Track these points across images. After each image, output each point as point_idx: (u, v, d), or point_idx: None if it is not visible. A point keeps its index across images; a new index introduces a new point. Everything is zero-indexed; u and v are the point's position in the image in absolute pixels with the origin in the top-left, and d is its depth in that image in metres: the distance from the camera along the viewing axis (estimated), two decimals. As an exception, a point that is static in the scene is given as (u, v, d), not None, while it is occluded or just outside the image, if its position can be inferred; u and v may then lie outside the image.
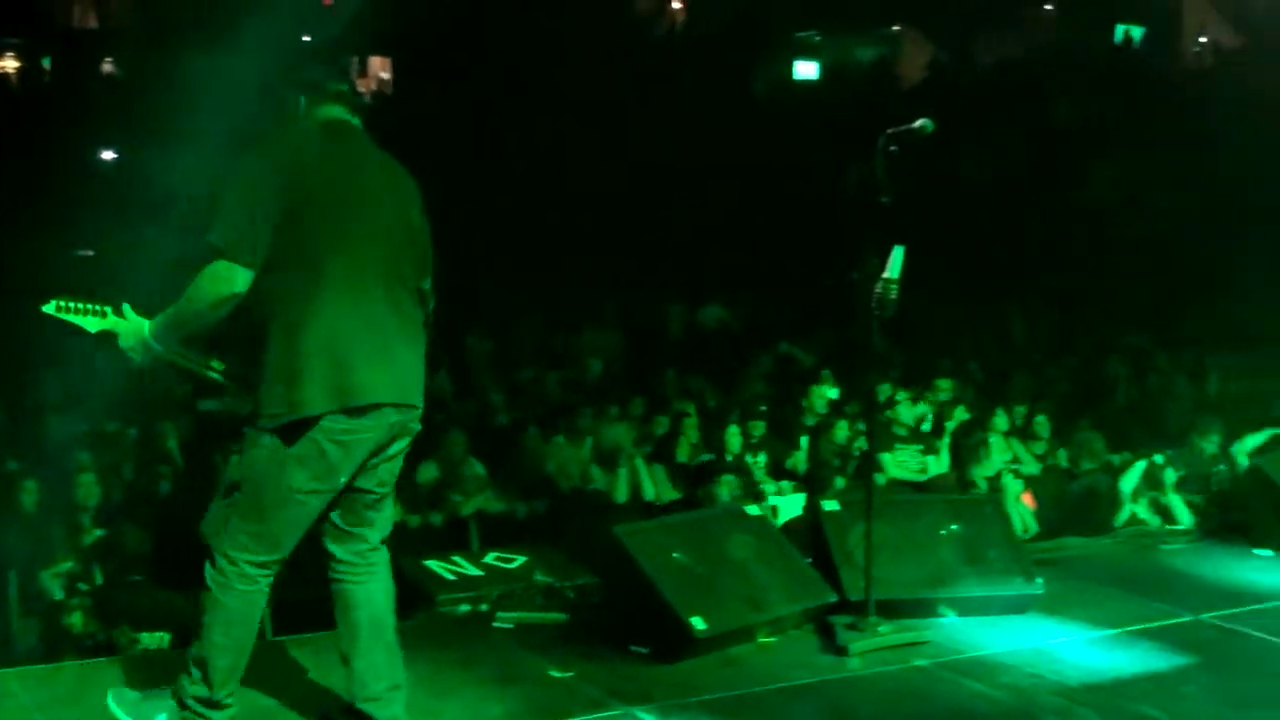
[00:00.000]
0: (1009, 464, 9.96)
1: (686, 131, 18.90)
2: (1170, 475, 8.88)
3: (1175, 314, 15.45)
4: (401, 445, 4.56)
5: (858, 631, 5.97)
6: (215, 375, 4.57)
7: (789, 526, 7.25)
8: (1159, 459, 8.99)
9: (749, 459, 9.65)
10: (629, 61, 20.57)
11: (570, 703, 5.19)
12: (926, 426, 10.68)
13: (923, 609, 6.35)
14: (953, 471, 9.53)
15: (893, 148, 5.93)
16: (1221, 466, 9.33)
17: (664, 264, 16.29)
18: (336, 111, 4.59)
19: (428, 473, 9.51)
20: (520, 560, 7.24)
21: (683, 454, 9.37)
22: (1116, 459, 10.15)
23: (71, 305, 4.52)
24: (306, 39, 14.10)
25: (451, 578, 7.12)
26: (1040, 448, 10.56)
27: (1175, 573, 7.48)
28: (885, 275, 5.93)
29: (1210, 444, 9.65)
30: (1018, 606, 6.46)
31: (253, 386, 4.36)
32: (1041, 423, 10.61)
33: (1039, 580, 6.53)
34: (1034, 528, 8.57)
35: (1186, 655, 5.95)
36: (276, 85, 4.77)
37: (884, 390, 10.52)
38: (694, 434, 9.83)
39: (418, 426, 4.59)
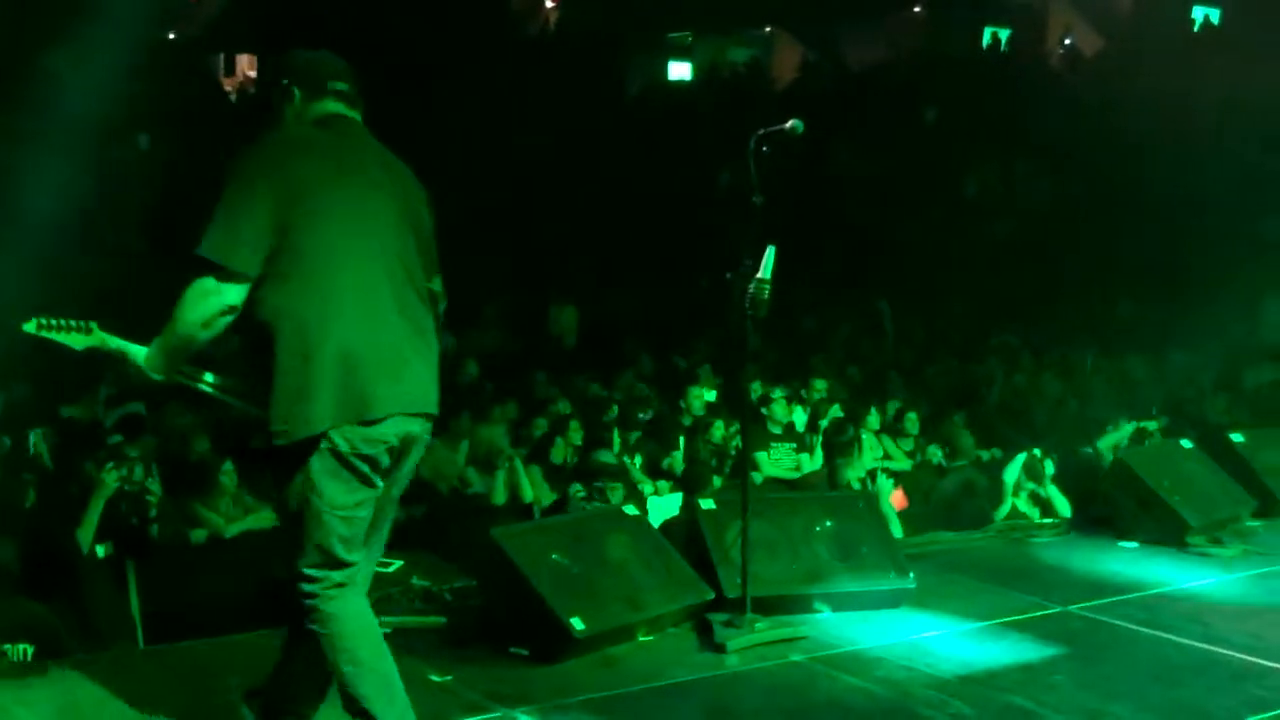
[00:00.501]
0: (880, 460, 10.10)
1: (561, 131, 18.88)
2: (1050, 468, 9.04)
3: (1046, 312, 15.76)
4: (414, 458, 4.39)
5: (735, 629, 6.01)
6: (209, 389, 4.37)
7: (667, 526, 7.26)
8: (1038, 452, 9.14)
9: (626, 460, 9.67)
10: (501, 59, 20.47)
11: (450, 706, 5.15)
12: (801, 425, 10.79)
13: (799, 605, 6.42)
14: (825, 468, 9.62)
15: (764, 148, 5.98)
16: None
17: (541, 265, 16.26)
18: (333, 107, 4.37)
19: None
20: (397, 564, 7.16)
21: (558, 455, 9.34)
22: (985, 455, 10.34)
23: (52, 323, 4.30)
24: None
25: (326, 583, 7.02)
26: (909, 444, 10.71)
27: (1044, 565, 7.63)
28: (758, 275, 5.98)
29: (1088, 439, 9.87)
30: (891, 601, 6.56)
31: (261, 404, 4.12)
32: (912, 420, 10.76)
33: (911, 575, 6.63)
34: (898, 532, 8.67)
35: (1055, 646, 6.08)
36: (268, 80, 4.49)
37: (759, 389, 10.61)
38: (577, 436, 9.82)
39: (429, 437, 4.42)
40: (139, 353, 4.26)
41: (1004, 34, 27.72)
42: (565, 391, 11.28)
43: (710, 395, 11.35)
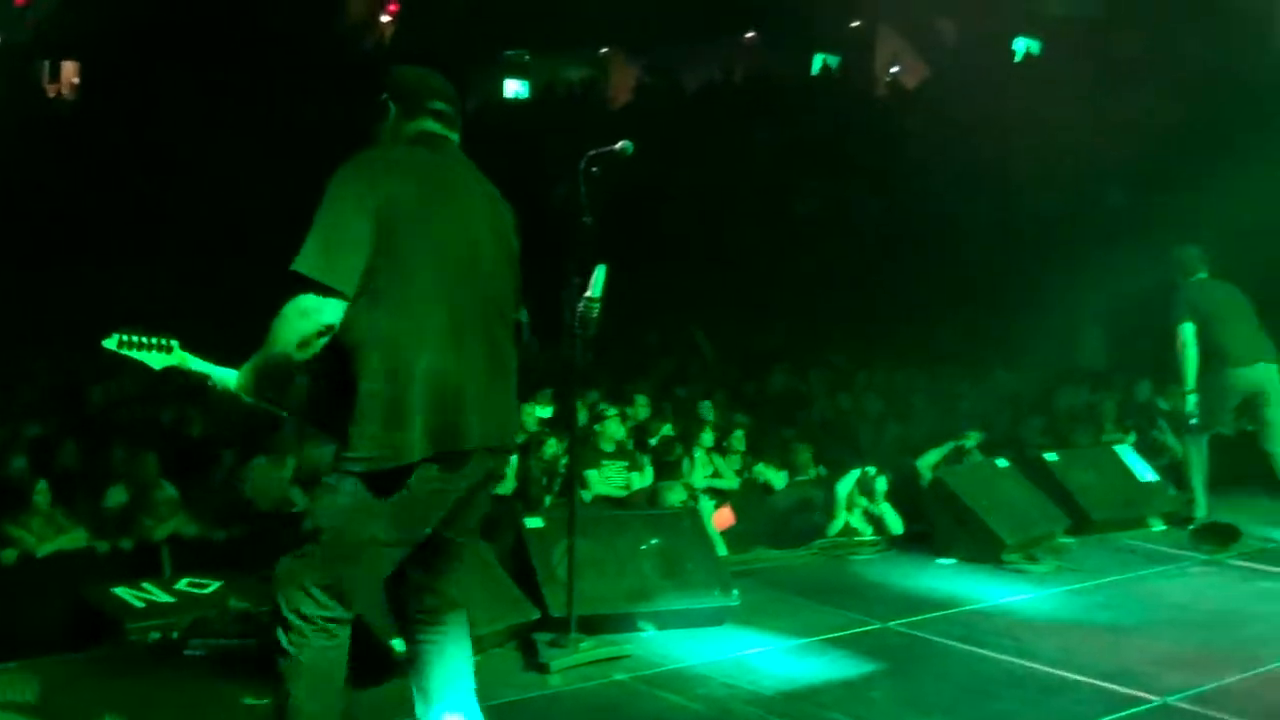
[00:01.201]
0: (709, 478, 10.19)
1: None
2: (882, 484, 9.19)
3: (872, 332, 16.06)
4: (489, 490, 4.32)
5: (560, 648, 6.01)
6: (273, 408, 4.16)
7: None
8: (872, 469, 9.29)
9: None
10: (334, 74, 20.25)
11: (266, 730, 5.06)
12: (632, 443, 10.83)
13: (624, 624, 6.44)
14: (651, 488, 9.68)
15: (594, 169, 6.01)
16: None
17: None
18: (429, 126, 4.27)
19: (116, 496, 9.14)
20: (214, 586, 7.02)
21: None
22: (813, 473, 10.50)
23: (133, 340, 4.21)
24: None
25: (141, 605, 6.85)
26: (737, 462, 10.82)
27: (865, 582, 7.77)
28: (588, 294, 6.00)
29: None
30: (715, 618, 6.62)
31: (336, 427, 3.97)
32: (738, 438, 10.87)
33: (735, 592, 6.70)
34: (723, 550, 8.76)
35: (875, 662, 6.19)
36: (372, 95, 4.35)
37: (586, 408, 10.63)
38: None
39: (504, 470, 4.35)
40: (224, 374, 4.17)
41: (834, 61, 28.25)
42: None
43: (546, 412, 11.34)
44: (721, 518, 9.57)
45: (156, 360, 4.23)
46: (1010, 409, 12.32)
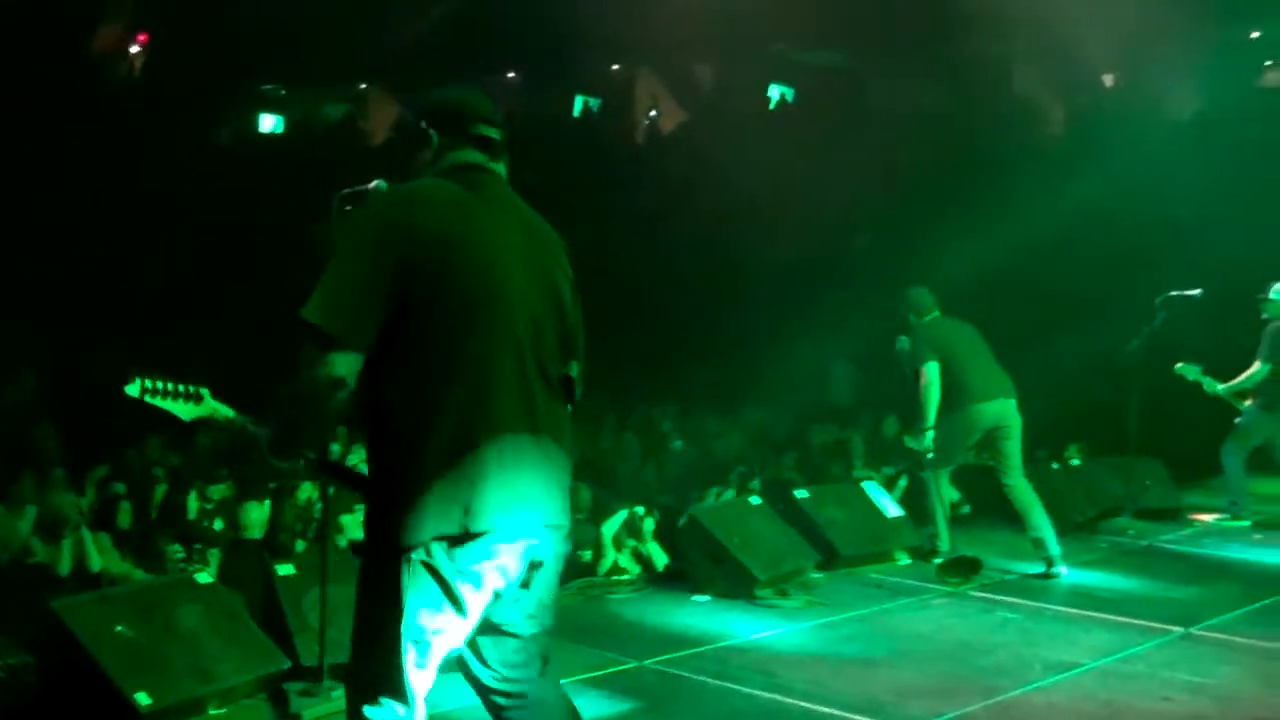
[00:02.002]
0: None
1: (149, 179, 18.19)
2: (649, 524, 9.26)
3: (631, 373, 16.20)
4: (551, 569, 3.82)
5: (311, 697, 5.93)
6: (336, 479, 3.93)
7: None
8: (640, 509, 9.36)
9: (205, 524, 9.35)
10: (81, 104, 19.60)
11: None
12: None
13: (379, 670, 6.34)
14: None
15: (348, 207, 5.96)
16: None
17: (129, 322, 15.55)
18: (473, 156, 3.87)
19: None
20: (-52, 640, 6.70)
21: (123, 521, 8.95)
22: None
23: (158, 387, 3.85)
24: None
25: None
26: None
27: (622, 621, 7.84)
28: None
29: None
30: (472, 662, 6.57)
31: (364, 496, 3.69)
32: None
33: (493, 636, 6.67)
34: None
35: (630, 700, 6.25)
36: (408, 119, 3.95)
37: (337, 450, 10.47)
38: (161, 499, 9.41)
39: (566, 547, 3.86)
40: (259, 430, 3.78)
41: (595, 103, 28.55)
42: (149, 455, 10.81)
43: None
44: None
45: (185, 411, 3.89)
46: (764, 447, 12.57)
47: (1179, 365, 11.34)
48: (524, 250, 3.80)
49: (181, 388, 3.90)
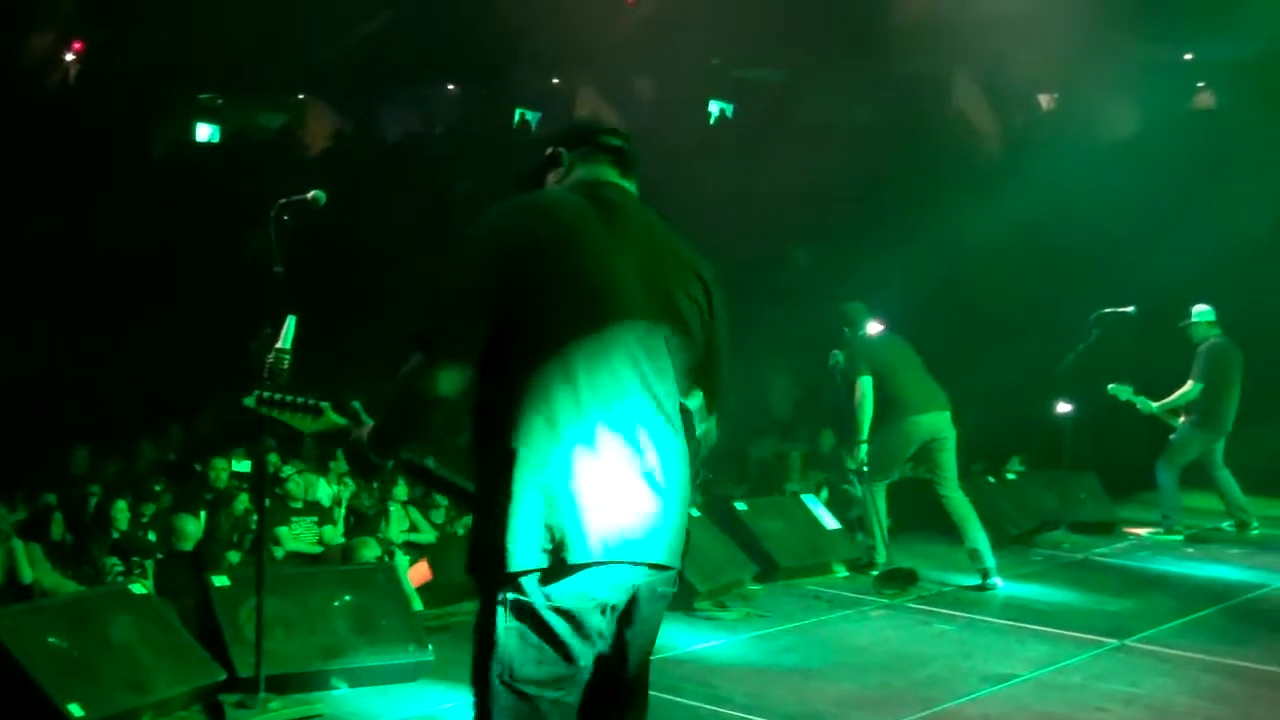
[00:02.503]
0: (405, 533, 10.07)
1: (80, 189, 18.00)
2: None
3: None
4: (650, 615, 3.49)
5: (247, 709, 5.89)
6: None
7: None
8: None
9: (140, 535, 9.24)
10: (14, 111, 19.37)
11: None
12: (326, 497, 10.62)
13: (316, 682, 6.33)
14: (345, 544, 9.51)
15: (286, 217, 5.94)
16: None
17: (60, 332, 15.37)
18: (604, 172, 3.65)
19: None
20: None
21: (56, 532, 8.82)
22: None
23: (275, 398, 3.78)
24: None
25: None
26: (440, 516, 10.72)
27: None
28: (278, 345, 5.88)
29: None
30: (410, 674, 6.56)
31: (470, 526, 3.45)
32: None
33: (430, 647, 6.65)
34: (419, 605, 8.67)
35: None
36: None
37: (275, 461, 10.38)
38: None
39: (671, 589, 3.53)
40: (362, 431, 3.65)
41: (533, 116, 28.55)
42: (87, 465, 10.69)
43: (243, 466, 11.00)
44: (418, 572, 9.46)
45: (305, 424, 3.82)
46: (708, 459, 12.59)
47: (1111, 386, 11.49)
48: (643, 272, 3.51)
49: (299, 400, 3.83)
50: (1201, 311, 11.50)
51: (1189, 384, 11.36)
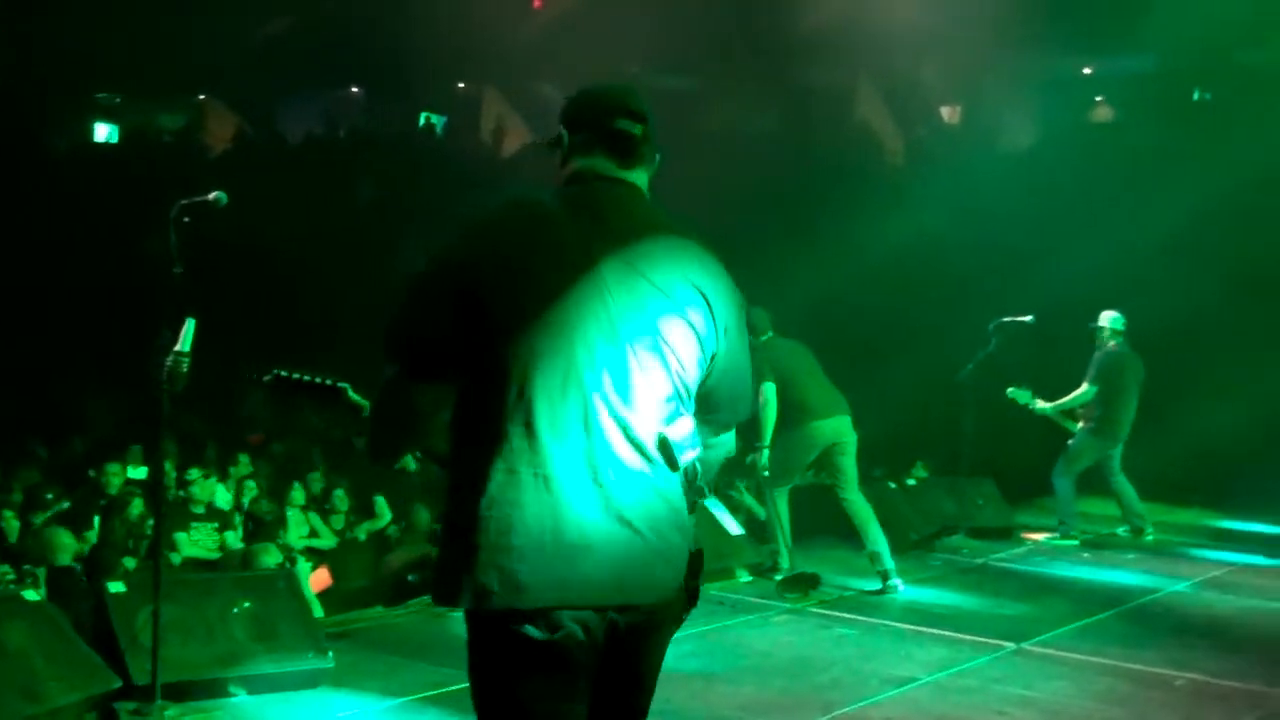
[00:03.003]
0: (305, 539, 9.98)
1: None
2: None
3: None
4: (632, 663, 3.28)
5: (143, 717, 5.79)
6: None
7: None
8: None
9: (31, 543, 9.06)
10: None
11: None
12: (225, 503, 10.50)
13: (214, 689, 6.25)
14: (245, 550, 9.41)
15: (186, 218, 5.87)
16: None
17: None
18: (599, 163, 3.35)
19: None
20: None
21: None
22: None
23: (295, 378, 3.80)
24: None
25: None
26: (340, 522, 10.64)
27: (463, 639, 7.71)
28: (177, 348, 5.82)
29: None
30: (309, 681, 6.49)
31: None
32: (340, 496, 10.71)
33: (331, 654, 6.59)
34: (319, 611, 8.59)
35: (472, 718, 6.18)
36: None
37: (174, 468, 10.25)
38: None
39: (670, 618, 3.30)
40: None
41: (439, 120, 28.43)
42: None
43: (139, 472, 10.84)
44: (318, 579, 9.39)
45: (320, 408, 3.84)
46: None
47: (1011, 390, 11.64)
48: (616, 287, 3.17)
49: (319, 380, 3.82)
50: (1113, 318, 11.67)
51: (1083, 386, 11.55)
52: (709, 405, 3.36)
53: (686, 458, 3.24)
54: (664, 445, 3.19)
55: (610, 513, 3.12)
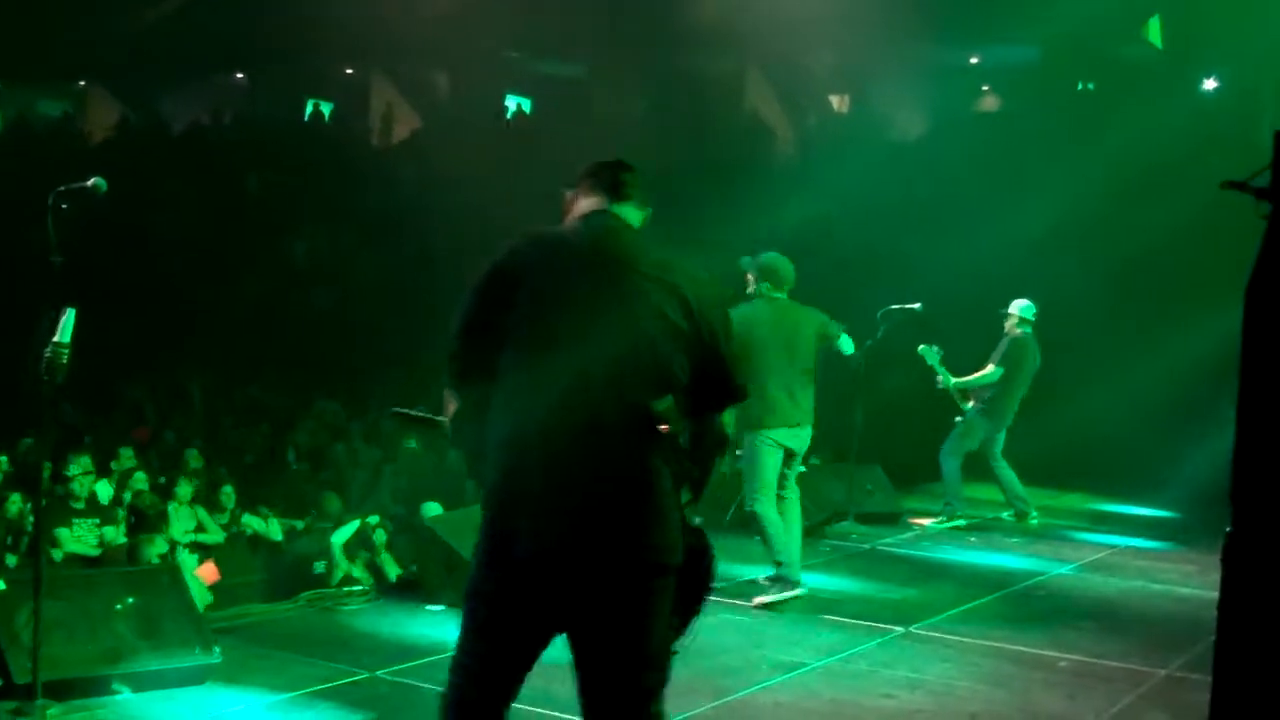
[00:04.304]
0: (191, 533, 9.83)
1: None
2: (381, 536, 9.11)
3: (367, 380, 15.96)
4: (620, 613, 3.90)
5: (25, 716, 5.69)
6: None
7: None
8: (373, 519, 9.21)
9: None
10: None
11: None
12: (107, 497, 10.30)
13: (97, 687, 6.14)
14: (129, 542, 9.25)
15: (64, 206, 5.75)
16: None
17: None
18: (595, 201, 4.20)
19: None
20: None
21: None
22: (300, 524, 10.32)
23: (414, 414, 4.56)
24: None
25: None
26: (225, 517, 10.49)
27: (354, 632, 7.70)
28: (56, 339, 5.71)
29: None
30: (196, 677, 6.41)
31: None
32: (227, 493, 10.54)
33: (217, 649, 6.51)
34: (208, 599, 8.48)
35: (362, 712, 6.16)
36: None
37: (58, 461, 10.03)
38: None
39: (636, 582, 3.88)
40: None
41: (326, 106, 28.13)
42: None
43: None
44: (205, 573, 9.25)
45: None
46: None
47: (921, 347, 11.67)
48: (607, 297, 3.92)
49: (426, 415, 4.46)
50: (1024, 306, 11.78)
51: (989, 367, 11.66)
52: (703, 389, 4.01)
53: (674, 424, 3.88)
54: (648, 417, 3.82)
55: (592, 474, 3.81)
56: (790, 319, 8.75)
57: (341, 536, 9.02)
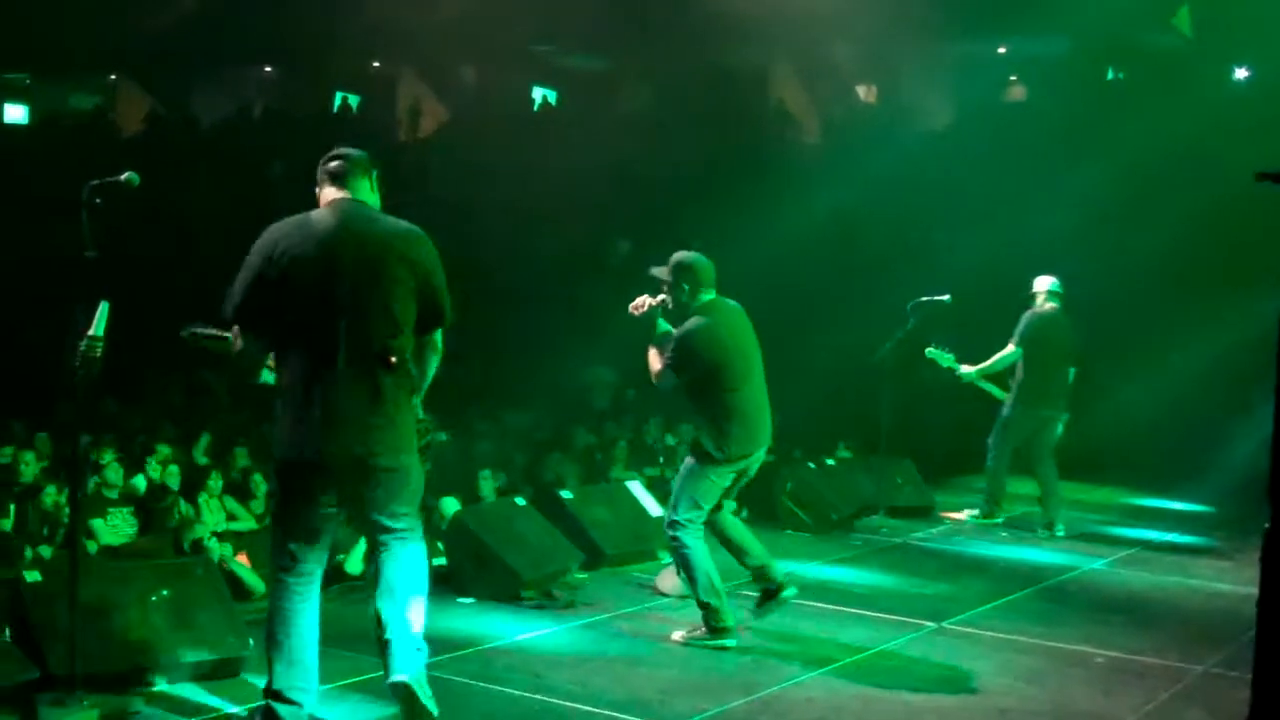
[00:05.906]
0: (225, 523, 9.85)
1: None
2: None
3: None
4: (378, 480, 5.48)
5: (63, 708, 5.71)
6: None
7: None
8: None
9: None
10: None
11: None
12: (143, 488, 10.34)
13: (133, 679, 6.16)
14: (164, 535, 9.28)
15: (98, 200, 5.78)
16: None
17: None
18: (328, 192, 5.68)
19: None
20: None
21: None
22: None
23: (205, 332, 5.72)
24: None
25: None
26: (260, 506, 10.51)
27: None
28: (90, 332, 5.74)
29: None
30: (230, 669, 6.43)
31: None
32: (257, 480, 10.57)
33: (251, 641, 6.53)
34: (260, 587, 8.50)
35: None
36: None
37: (98, 451, 10.07)
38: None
39: (395, 464, 5.47)
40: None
41: (354, 100, 28.16)
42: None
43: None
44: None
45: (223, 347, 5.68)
46: (528, 449, 12.54)
47: (929, 350, 11.41)
48: (354, 261, 5.41)
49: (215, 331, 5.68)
50: (1051, 284, 11.38)
51: (1009, 347, 11.28)
52: (417, 324, 5.57)
53: (432, 358, 5.73)
54: (393, 348, 5.43)
55: (356, 391, 5.40)
56: (734, 319, 7.90)
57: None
